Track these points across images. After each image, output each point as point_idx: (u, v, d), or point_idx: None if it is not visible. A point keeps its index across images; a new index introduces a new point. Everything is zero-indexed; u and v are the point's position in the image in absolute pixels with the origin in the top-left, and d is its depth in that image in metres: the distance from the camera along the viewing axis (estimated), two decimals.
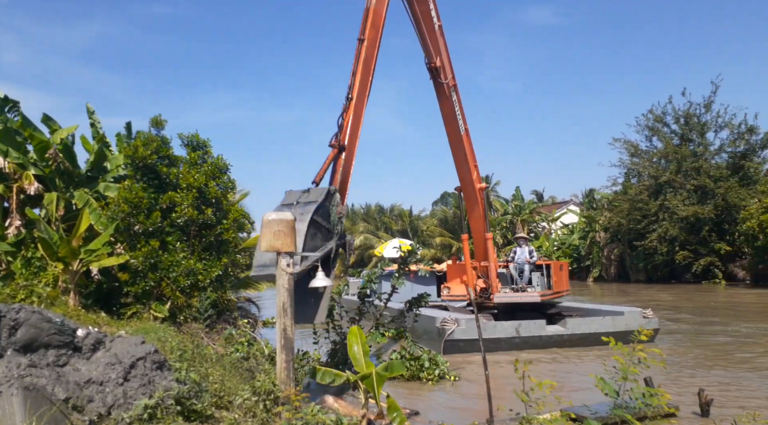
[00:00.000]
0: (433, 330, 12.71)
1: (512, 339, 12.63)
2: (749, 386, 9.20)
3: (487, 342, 11.90)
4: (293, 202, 8.12)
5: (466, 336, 12.25)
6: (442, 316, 12.71)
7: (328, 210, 8.23)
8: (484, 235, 14.67)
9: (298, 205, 7.88)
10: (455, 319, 12.46)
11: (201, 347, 8.42)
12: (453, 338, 12.22)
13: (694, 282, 31.74)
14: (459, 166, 14.00)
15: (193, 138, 12.79)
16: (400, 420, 5.73)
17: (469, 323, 12.45)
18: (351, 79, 9.56)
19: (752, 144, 33.23)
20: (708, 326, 16.02)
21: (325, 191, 8.16)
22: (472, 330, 12.39)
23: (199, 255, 11.79)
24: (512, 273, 14.95)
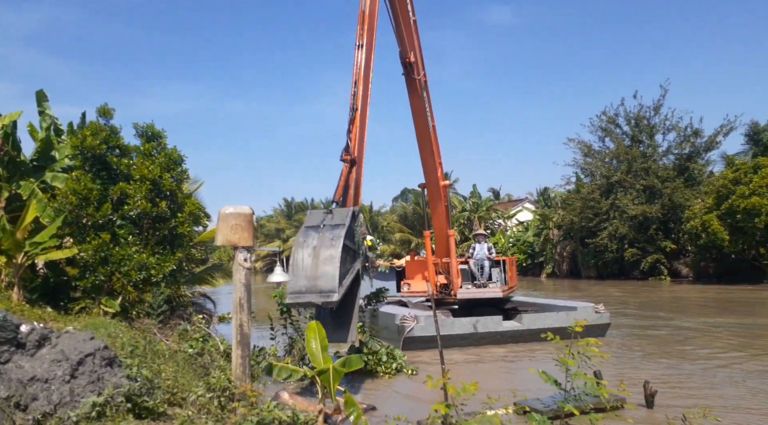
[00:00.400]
0: (393, 327, 12.77)
1: (470, 335, 12.82)
2: (691, 378, 9.63)
3: (446, 338, 12.05)
4: (319, 224, 7.98)
5: (426, 333, 12.37)
6: (401, 313, 12.78)
7: (353, 231, 8.16)
8: (446, 232, 14.82)
9: (326, 229, 7.76)
10: (414, 316, 12.55)
11: (154, 343, 8.21)
12: (412, 335, 12.32)
13: (642, 278, 32.98)
14: (425, 162, 14.02)
15: (148, 128, 12.43)
16: (357, 415, 5.74)
17: (428, 320, 12.56)
18: (353, 88, 9.23)
19: (697, 146, 34.71)
20: (654, 320, 16.68)
21: (350, 213, 8.09)
22: (431, 327, 12.52)
23: (152, 249, 11.48)
24: (472, 269, 15.16)
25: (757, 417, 7.39)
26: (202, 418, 5.69)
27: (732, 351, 11.78)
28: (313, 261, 7.81)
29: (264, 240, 64.40)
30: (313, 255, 7.86)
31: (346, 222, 7.94)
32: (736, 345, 12.51)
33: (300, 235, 8.05)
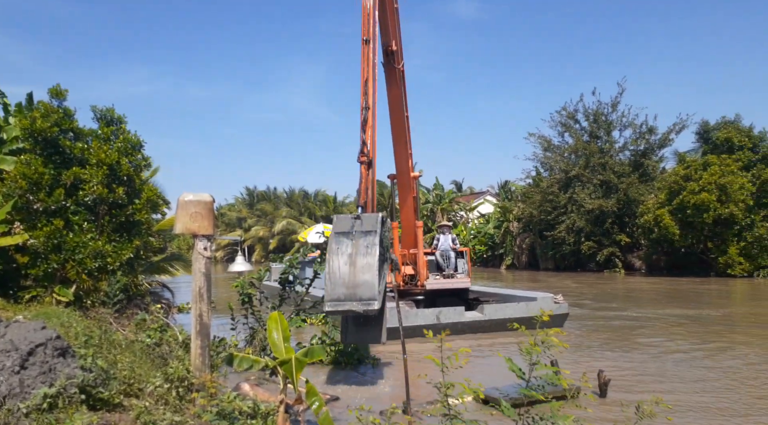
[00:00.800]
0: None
1: (433, 326, 12.97)
2: (643, 367, 10.00)
3: (409, 329, 12.14)
4: (349, 230, 7.97)
5: (389, 325, 12.43)
6: None
7: (383, 237, 8.20)
8: (414, 223, 14.88)
9: (358, 235, 7.78)
10: None
11: (109, 333, 7.99)
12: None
13: (597, 270, 33.97)
14: (398, 153, 13.83)
15: (107, 112, 12.01)
16: (319, 405, 5.73)
17: (392, 311, 12.62)
18: (363, 86, 9.16)
19: (651, 143, 35.85)
20: (608, 311, 17.23)
21: (379, 219, 8.15)
22: (394, 318, 12.58)
23: (108, 236, 11.13)
24: (438, 260, 15.30)
25: (705, 403, 7.75)
26: (160, 409, 5.58)
27: (681, 341, 12.29)
28: (350, 268, 7.84)
29: (225, 230, 63.40)
30: (350, 263, 7.89)
31: (377, 229, 8.05)
32: (685, 334, 13.06)
33: (332, 242, 8.08)
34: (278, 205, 64.66)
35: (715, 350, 11.21)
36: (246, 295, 9.91)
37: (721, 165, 27.61)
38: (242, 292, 10.01)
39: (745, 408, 7.49)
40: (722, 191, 26.72)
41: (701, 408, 7.51)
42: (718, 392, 8.31)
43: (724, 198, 26.69)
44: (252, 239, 61.21)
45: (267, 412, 5.72)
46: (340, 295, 7.64)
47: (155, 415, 5.36)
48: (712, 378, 9.10)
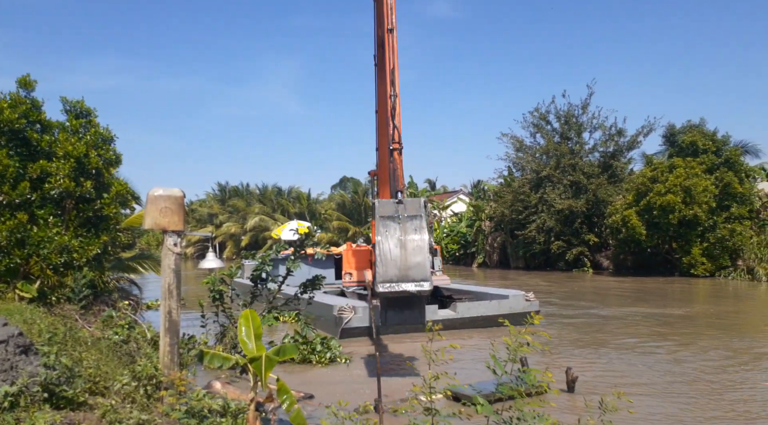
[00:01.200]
0: (330, 318, 12.74)
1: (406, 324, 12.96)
2: (609, 363, 10.23)
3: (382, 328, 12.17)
4: (394, 214, 8.16)
5: (363, 324, 12.44)
6: (339, 304, 12.77)
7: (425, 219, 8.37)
8: None
9: (405, 219, 7.97)
10: (352, 307, 12.58)
11: (75, 330, 7.81)
12: (350, 326, 12.35)
13: (566, 269, 34.56)
14: (383, 148, 13.52)
15: (77, 104, 11.71)
16: (290, 403, 5.70)
17: (366, 311, 12.64)
18: (390, 74, 9.21)
19: (620, 145, 36.59)
20: (577, 309, 17.56)
21: (422, 203, 8.27)
22: (368, 317, 12.61)
23: (75, 231, 10.88)
24: None
25: (667, 397, 7.97)
26: (127, 407, 5.48)
27: (645, 338, 12.61)
28: (402, 251, 7.96)
29: (196, 225, 62.46)
30: (401, 246, 7.98)
31: (422, 213, 8.15)
32: (650, 332, 13.40)
33: (379, 226, 8.19)
34: (251, 201, 63.98)
35: (677, 346, 11.53)
36: (217, 292, 9.80)
37: (686, 167, 28.35)
38: (213, 289, 9.88)
39: (704, 402, 7.74)
40: (687, 193, 27.44)
41: (663, 402, 7.72)
42: (679, 386, 8.55)
43: (688, 200, 27.42)
44: (223, 235, 60.46)
45: (237, 410, 5.67)
46: (392, 277, 7.72)
47: (121, 414, 5.26)
48: (675, 372, 9.36)
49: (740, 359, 10.36)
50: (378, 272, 7.73)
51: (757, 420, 7.06)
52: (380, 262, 7.52)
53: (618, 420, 4.11)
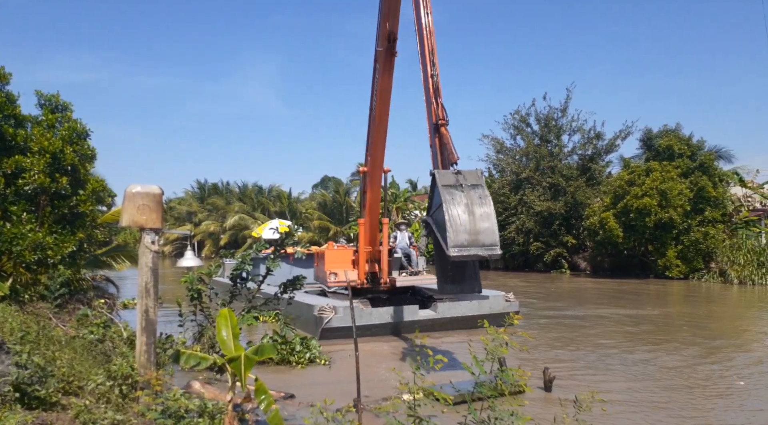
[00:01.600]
0: (310, 318, 12.68)
1: (387, 324, 12.97)
2: (586, 363, 10.37)
3: (363, 328, 12.15)
4: (455, 183, 8.52)
5: (344, 324, 12.40)
6: (319, 304, 12.70)
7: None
8: (380, 220, 14.85)
9: (468, 188, 8.35)
10: (333, 307, 12.53)
11: (48, 328, 7.66)
12: (330, 326, 12.30)
13: (545, 271, 34.93)
14: (375, 145, 13.25)
15: (52, 98, 11.48)
16: (268, 403, 5.66)
17: (347, 310, 12.60)
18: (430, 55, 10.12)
19: (598, 148, 37.09)
20: (555, 310, 17.76)
21: (481, 174, 8.70)
22: (349, 317, 12.56)
23: (49, 227, 10.67)
24: (402, 257, 15.35)
25: (643, 397, 8.11)
26: (101, 408, 5.39)
27: (622, 338, 12.80)
28: (470, 217, 8.13)
29: (174, 223, 61.69)
30: (468, 212, 8.20)
31: (482, 183, 8.45)
32: (626, 332, 13.61)
33: (444, 193, 8.43)
34: (230, 199, 63.41)
35: (652, 347, 11.73)
36: (195, 291, 9.69)
37: (662, 171, 28.85)
38: (191, 288, 9.77)
39: (681, 402, 7.88)
40: (663, 196, 27.93)
41: (638, 402, 7.85)
42: (655, 386, 8.70)
43: (664, 203, 27.90)
44: (202, 234, 59.82)
45: (215, 411, 5.62)
46: (463, 241, 8.02)
47: (96, 414, 5.17)
48: (650, 372, 9.52)
49: (714, 358, 10.58)
50: (449, 238, 7.95)
51: (734, 418, 7.21)
52: (450, 228, 7.81)
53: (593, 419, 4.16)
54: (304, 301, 13.28)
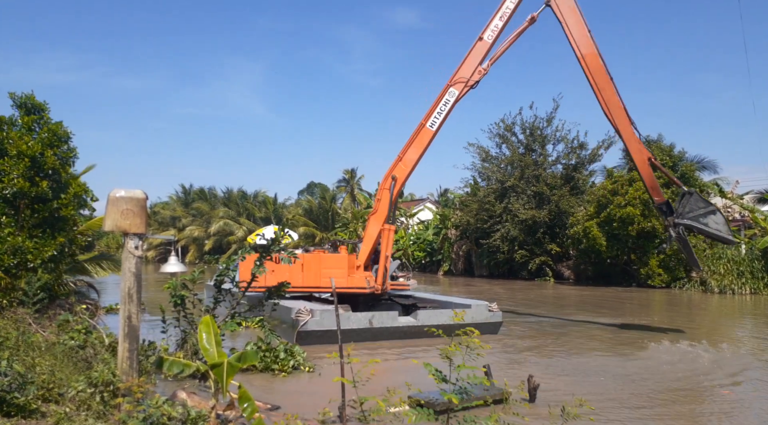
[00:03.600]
0: (289, 321, 12.62)
1: (366, 330, 12.93)
2: (570, 371, 10.43)
3: (343, 332, 12.06)
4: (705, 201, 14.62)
5: (320, 328, 12.33)
6: (297, 307, 12.65)
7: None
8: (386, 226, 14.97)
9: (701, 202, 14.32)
10: (309, 310, 12.46)
11: (28, 334, 7.53)
12: (306, 329, 12.22)
13: (529, 278, 35.15)
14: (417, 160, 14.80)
15: (27, 99, 11.33)
16: (251, 411, 5.61)
17: (324, 314, 12.54)
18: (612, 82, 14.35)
19: (582, 158, 37.55)
20: (538, 318, 17.87)
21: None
22: (326, 321, 12.50)
23: (29, 231, 10.50)
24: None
25: (628, 406, 8.17)
26: (82, 415, 5.31)
27: (606, 346, 12.91)
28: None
29: (158, 228, 61.05)
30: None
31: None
32: (609, 340, 13.73)
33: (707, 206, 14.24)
34: (215, 204, 62.99)
35: (636, 355, 11.85)
36: (178, 297, 9.58)
37: None
38: (174, 294, 9.66)
39: (665, 411, 7.96)
40: (645, 206, 28.29)
41: (624, 411, 7.91)
42: (640, 395, 8.78)
43: (647, 212, 28.26)
44: (186, 239, 59.28)
45: (197, 418, 5.56)
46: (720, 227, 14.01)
47: (76, 421, 5.10)
48: (635, 381, 9.60)
49: (698, 368, 10.70)
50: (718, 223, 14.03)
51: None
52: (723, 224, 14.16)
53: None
54: (283, 304, 13.17)
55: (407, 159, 14.80)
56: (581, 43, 14.28)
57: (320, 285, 14.50)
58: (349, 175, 61.49)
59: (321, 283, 14.45)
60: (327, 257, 15.04)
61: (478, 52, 14.69)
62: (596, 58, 14.25)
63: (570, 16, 14.19)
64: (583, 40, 14.29)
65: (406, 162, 14.80)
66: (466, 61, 14.75)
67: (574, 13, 14.21)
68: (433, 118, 14.73)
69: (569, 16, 14.19)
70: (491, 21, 14.79)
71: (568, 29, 14.22)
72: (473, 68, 14.52)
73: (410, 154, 14.80)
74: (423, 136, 14.77)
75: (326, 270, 14.59)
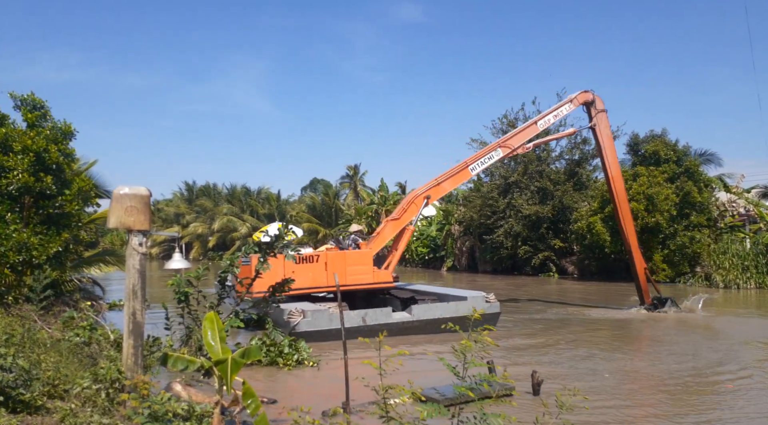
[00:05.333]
0: (282, 322, 12.52)
1: (359, 327, 12.61)
2: (574, 366, 10.43)
3: (336, 332, 11.96)
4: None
5: (312, 328, 12.25)
6: (289, 308, 12.50)
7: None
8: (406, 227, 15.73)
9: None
10: (301, 311, 12.39)
11: (33, 331, 7.57)
12: (298, 330, 12.15)
13: (533, 274, 35.11)
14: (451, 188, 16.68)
15: (27, 98, 11.36)
16: (255, 407, 5.63)
17: (315, 314, 12.46)
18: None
19: (585, 153, 37.40)
20: (542, 313, 17.86)
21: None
22: (318, 321, 12.42)
23: (34, 228, 10.54)
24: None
25: (631, 401, 8.18)
26: (87, 411, 5.34)
27: (610, 341, 12.89)
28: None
29: (162, 225, 61.24)
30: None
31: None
32: (614, 336, 13.71)
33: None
34: (219, 201, 63.12)
35: (641, 349, 11.85)
36: (182, 294, 9.62)
37: (649, 176, 29.14)
38: (178, 291, 9.70)
39: (668, 404, 7.96)
40: (649, 201, 28.20)
41: (626, 404, 7.91)
42: (644, 389, 8.78)
43: (651, 207, 28.17)
44: (190, 236, 59.45)
45: (202, 414, 5.58)
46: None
47: (81, 418, 5.12)
48: (639, 375, 9.60)
49: (702, 362, 10.68)
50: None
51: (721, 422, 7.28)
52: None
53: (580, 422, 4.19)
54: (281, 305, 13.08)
55: (442, 188, 16.39)
56: (613, 166, 17.47)
57: (346, 284, 14.05)
58: (352, 171, 61.50)
59: (348, 281, 14.08)
60: (351, 254, 14.77)
61: (528, 132, 17.27)
62: (622, 180, 17.54)
63: (608, 143, 17.14)
64: (615, 164, 17.66)
65: (441, 190, 16.44)
66: (518, 135, 17.13)
67: (611, 142, 17.24)
68: (475, 164, 16.49)
69: (607, 143, 17.15)
70: (547, 114, 17.80)
71: (605, 152, 17.21)
72: (520, 142, 16.82)
73: (446, 185, 16.45)
74: (462, 175, 16.61)
75: (351, 267, 14.31)
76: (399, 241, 15.51)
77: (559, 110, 17.72)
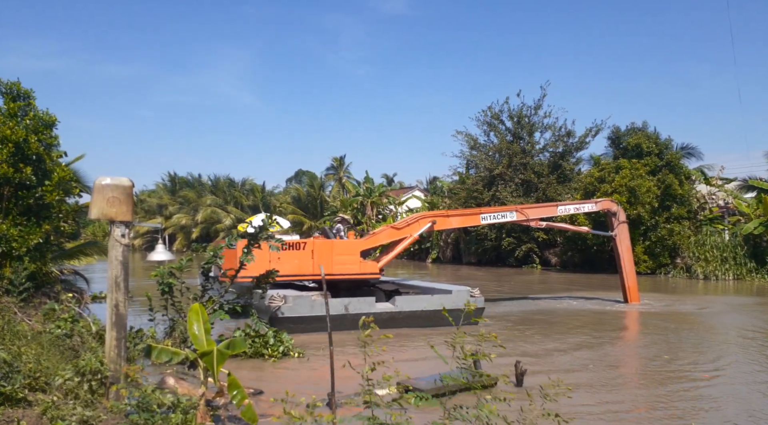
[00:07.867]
0: (263, 307, 12.42)
1: (342, 316, 12.53)
2: (557, 356, 10.57)
3: (317, 319, 11.94)
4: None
5: (294, 314, 12.18)
6: (271, 293, 12.40)
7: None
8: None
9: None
10: (283, 296, 12.32)
11: (13, 323, 7.46)
12: (279, 315, 12.10)
13: (516, 266, 35.41)
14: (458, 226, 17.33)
15: (13, 85, 11.13)
16: (241, 398, 5.63)
17: (297, 300, 12.41)
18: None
19: (569, 146, 37.71)
20: (526, 304, 18.05)
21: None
22: (300, 307, 12.37)
23: (14, 219, 10.36)
24: None
25: (613, 389, 8.32)
26: (69, 404, 5.29)
27: (592, 332, 13.07)
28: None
29: (144, 217, 60.58)
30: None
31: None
32: (595, 326, 13.90)
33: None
34: (202, 192, 62.59)
35: (621, 340, 12.03)
36: (166, 285, 9.54)
37: (631, 169, 29.48)
38: (162, 282, 9.62)
39: (647, 393, 8.11)
40: (632, 193, 28.54)
41: (608, 394, 8.05)
42: (624, 378, 8.93)
43: (633, 200, 28.52)
44: (173, 227, 58.93)
45: (188, 406, 5.57)
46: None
47: (63, 410, 5.08)
48: (620, 364, 9.76)
49: (681, 352, 10.89)
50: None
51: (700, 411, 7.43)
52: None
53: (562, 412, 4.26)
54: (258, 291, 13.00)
55: (449, 221, 16.72)
56: (629, 276, 18.27)
57: (332, 273, 13.83)
58: (337, 162, 61.30)
59: (333, 271, 13.87)
60: (339, 243, 14.70)
61: (546, 211, 17.98)
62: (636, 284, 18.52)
63: (627, 255, 18.22)
64: (632, 274, 18.43)
65: (447, 223, 16.70)
66: (537, 209, 17.94)
67: (630, 254, 18.40)
68: (488, 215, 16.90)
69: (626, 255, 18.21)
70: (569, 204, 19.14)
71: (623, 262, 18.14)
72: (536, 216, 17.31)
73: (454, 221, 16.98)
74: (472, 219, 17.45)
75: (338, 257, 14.13)
76: (398, 244, 15.19)
77: (581, 206, 19.24)
